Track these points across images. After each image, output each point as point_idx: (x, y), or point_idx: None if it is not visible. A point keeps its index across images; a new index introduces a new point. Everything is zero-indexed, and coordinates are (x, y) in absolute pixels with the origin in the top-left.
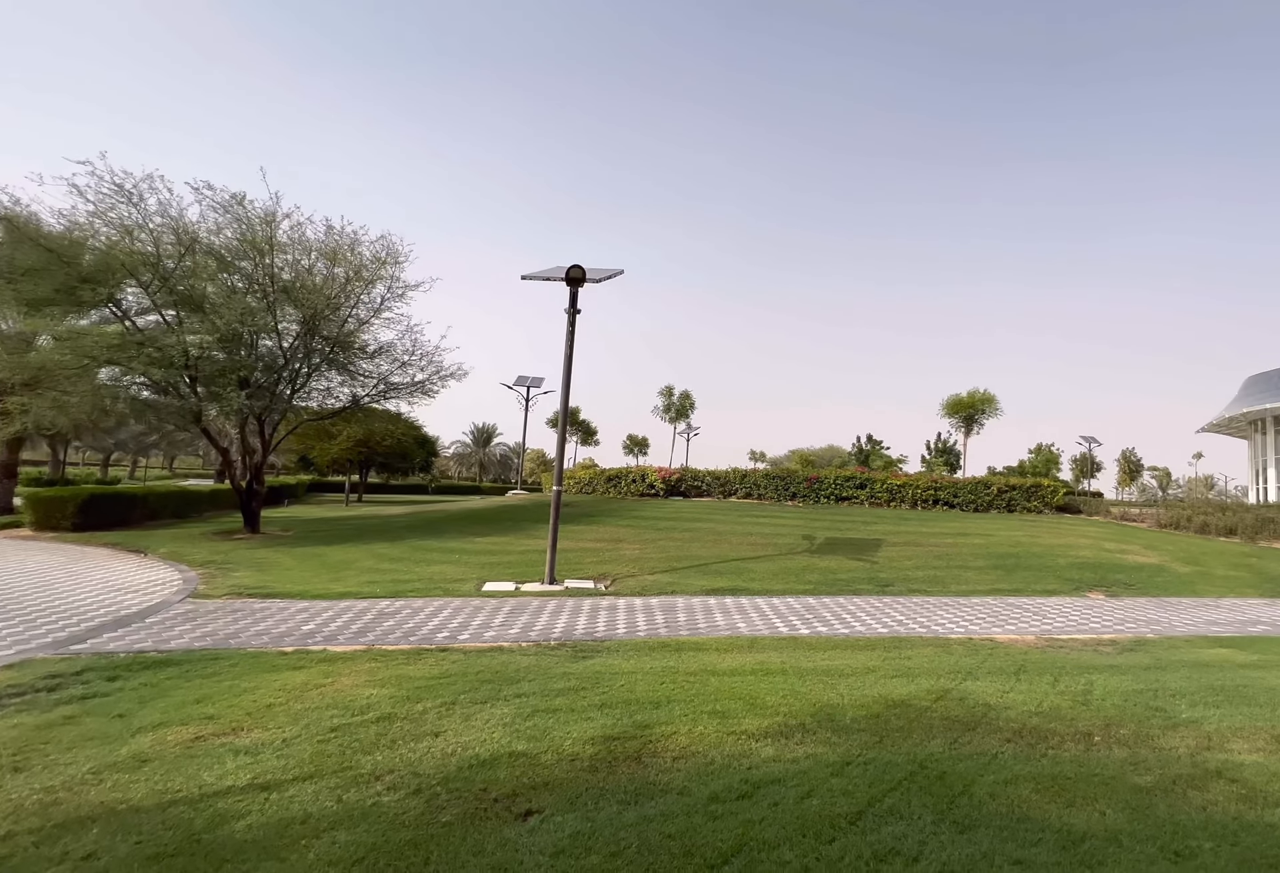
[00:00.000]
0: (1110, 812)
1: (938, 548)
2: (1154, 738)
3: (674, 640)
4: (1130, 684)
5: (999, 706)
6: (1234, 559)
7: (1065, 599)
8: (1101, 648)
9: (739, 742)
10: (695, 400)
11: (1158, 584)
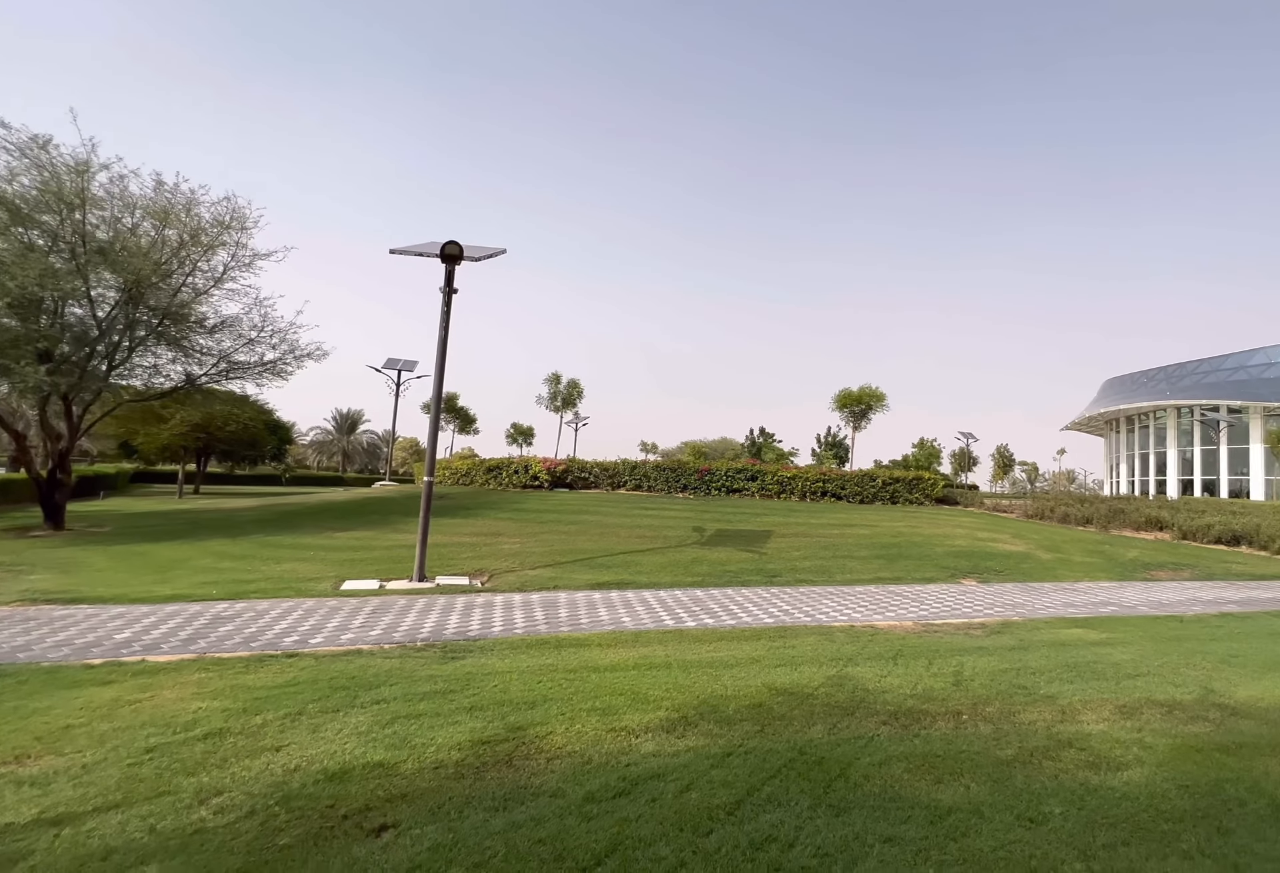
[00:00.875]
0: (974, 785)
1: (825, 539)
2: (1016, 714)
3: (554, 637)
4: (997, 664)
5: (877, 690)
6: (1090, 546)
7: (942, 586)
8: (972, 631)
9: (619, 739)
10: (584, 389)
11: (1024, 570)
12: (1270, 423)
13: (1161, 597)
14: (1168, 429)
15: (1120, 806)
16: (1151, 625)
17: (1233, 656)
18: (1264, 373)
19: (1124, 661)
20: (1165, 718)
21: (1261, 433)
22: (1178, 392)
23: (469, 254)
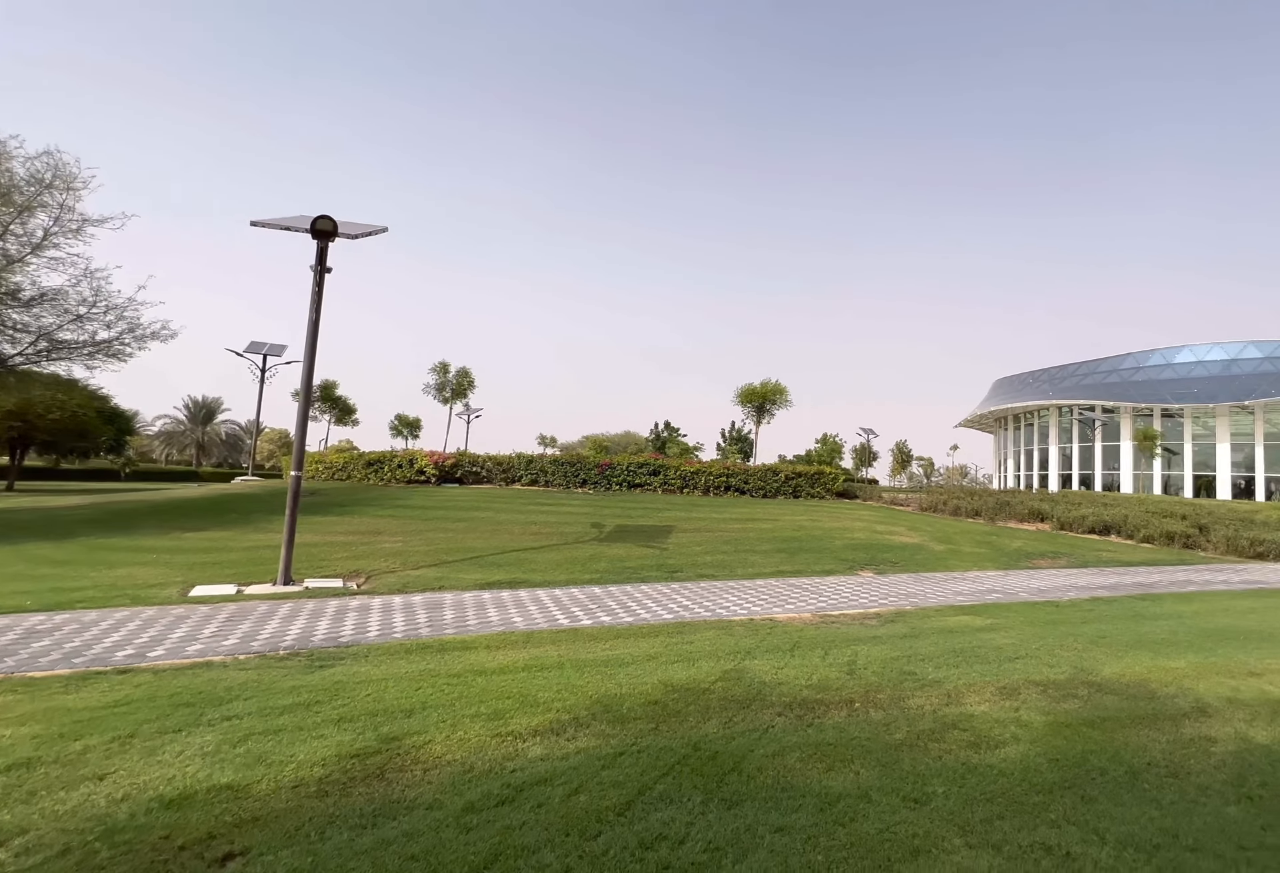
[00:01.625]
0: (864, 771)
1: (727, 533)
2: (905, 699)
3: (437, 641)
4: (889, 652)
5: (774, 682)
6: (978, 537)
7: (840, 578)
8: (868, 621)
9: (505, 744)
10: (475, 379)
11: (918, 561)
12: (1138, 422)
13: (1041, 584)
14: (1050, 427)
15: (998, 782)
16: (1031, 611)
17: (1101, 636)
18: (1133, 376)
19: (1005, 644)
20: (1040, 697)
21: (1131, 431)
22: (1059, 392)
23: (345, 231)
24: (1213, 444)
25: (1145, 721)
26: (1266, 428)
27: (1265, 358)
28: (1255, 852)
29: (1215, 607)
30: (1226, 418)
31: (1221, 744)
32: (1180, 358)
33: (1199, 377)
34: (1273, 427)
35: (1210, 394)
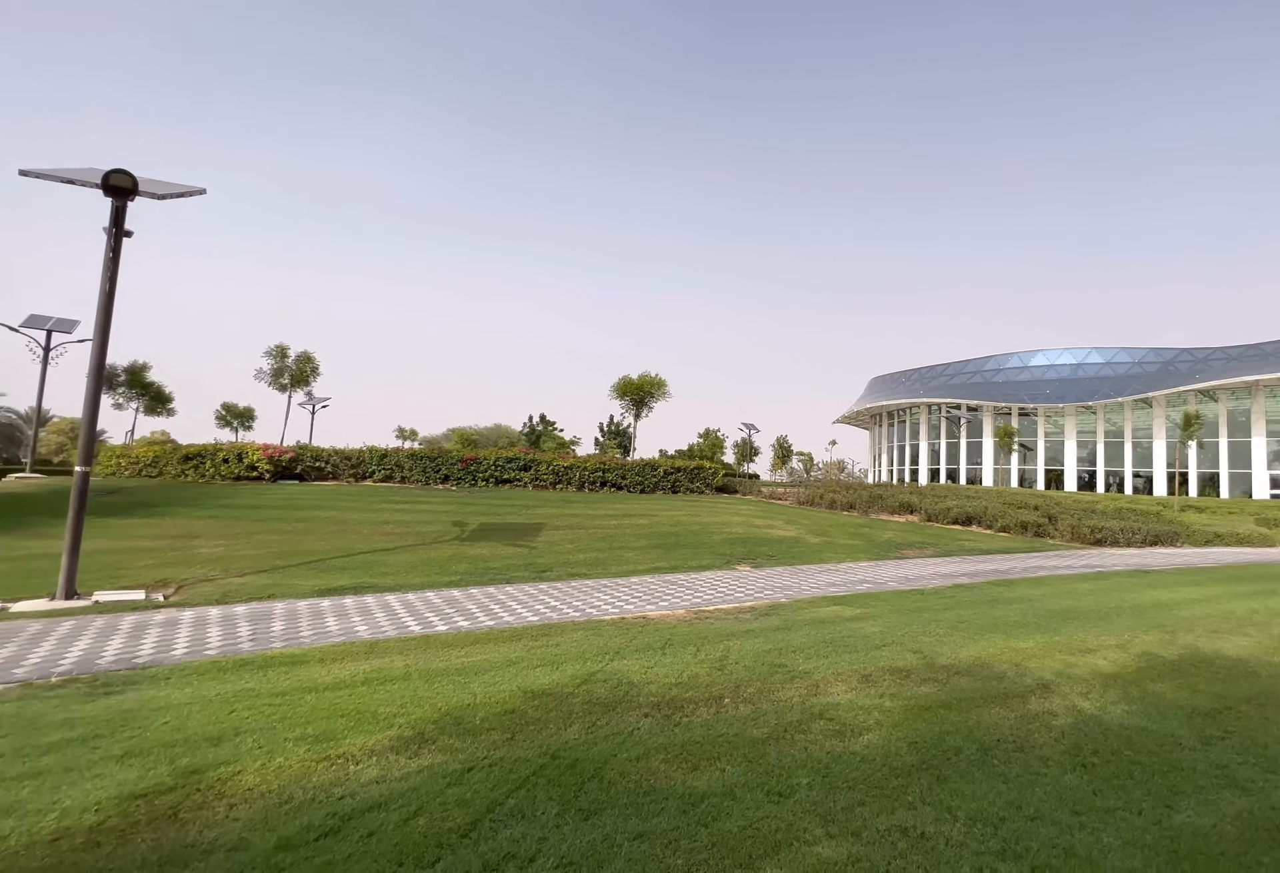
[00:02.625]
0: (729, 768)
1: (602, 530)
2: (774, 692)
3: (260, 656)
4: (761, 646)
5: (642, 682)
6: (852, 530)
7: (718, 573)
8: (742, 615)
9: (333, 768)
10: (320, 366)
11: (794, 554)
12: (999, 420)
13: (909, 573)
14: (921, 424)
15: (860, 768)
16: (898, 599)
17: (960, 622)
18: (994, 377)
19: (873, 633)
20: (902, 682)
21: (992, 428)
22: (929, 391)
23: (148, 189)
24: (1062, 441)
25: (996, 700)
26: (1106, 427)
27: (1105, 363)
28: (1087, 815)
29: (1061, 590)
30: (1073, 417)
31: (1061, 717)
32: (1035, 361)
33: (1051, 379)
34: (1111, 426)
35: (1059, 395)
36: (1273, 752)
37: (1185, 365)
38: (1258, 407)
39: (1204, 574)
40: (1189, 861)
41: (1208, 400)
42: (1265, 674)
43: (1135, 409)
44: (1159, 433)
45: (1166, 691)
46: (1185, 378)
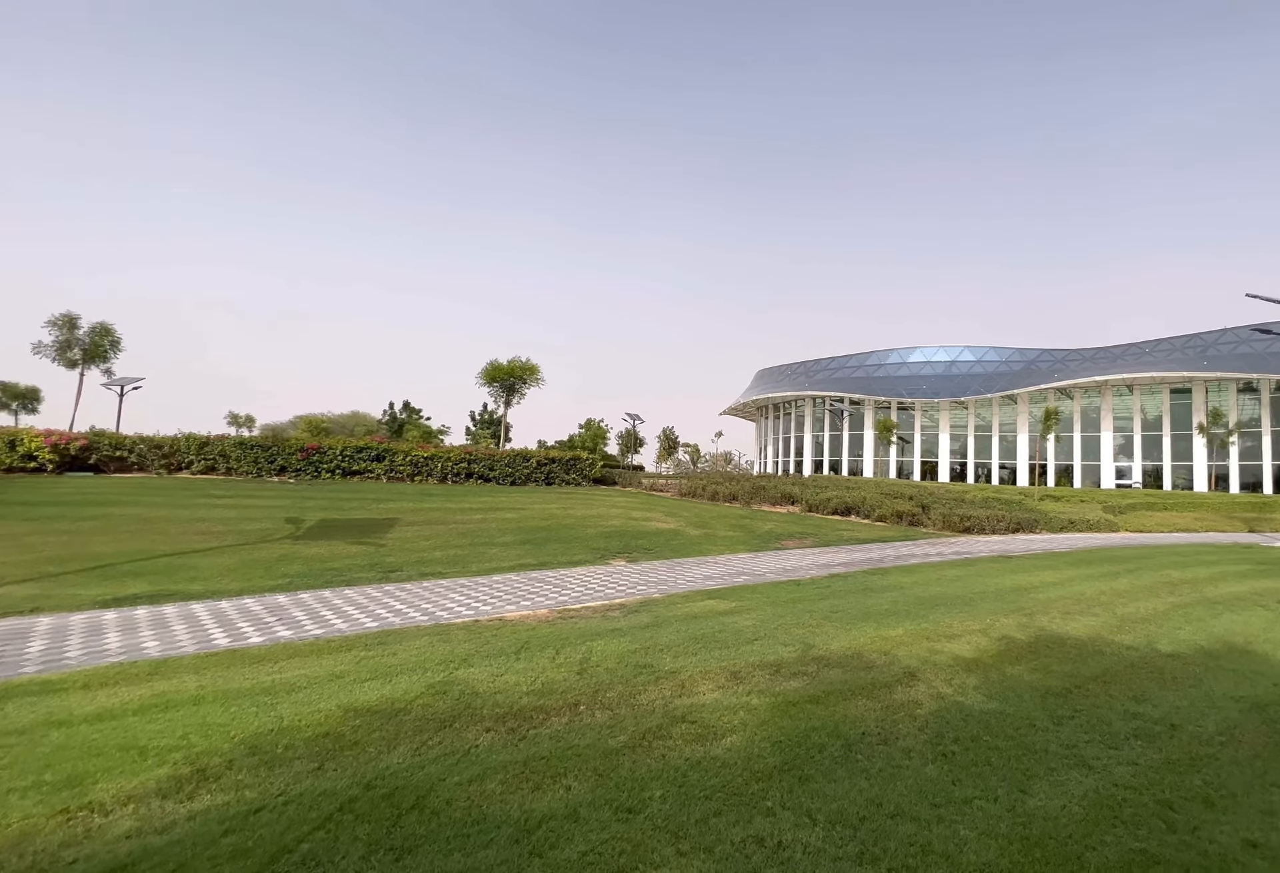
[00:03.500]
0: (576, 784)
1: (464, 525)
2: (637, 695)
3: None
4: (627, 645)
5: (489, 691)
6: (734, 521)
7: (590, 568)
8: (611, 613)
9: (70, 825)
10: (120, 339)
11: (673, 547)
12: (879, 413)
13: (787, 563)
14: (805, 416)
15: (719, 774)
16: (775, 591)
17: (834, 611)
18: (876, 372)
19: (746, 627)
20: (771, 677)
21: (873, 421)
22: (814, 384)
23: None
24: (937, 434)
25: (863, 691)
26: (976, 421)
27: (976, 361)
28: (945, 808)
29: (931, 576)
30: (947, 412)
31: (925, 706)
32: (914, 358)
33: (927, 375)
34: (981, 420)
35: (935, 391)
36: (1116, 728)
37: (1046, 365)
38: (1106, 404)
39: (1059, 559)
40: (1040, 847)
41: (1064, 398)
42: (1109, 653)
43: (1002, 405)
44: (1022, 427)
45: (1023, 673)
46: (1046, 377)
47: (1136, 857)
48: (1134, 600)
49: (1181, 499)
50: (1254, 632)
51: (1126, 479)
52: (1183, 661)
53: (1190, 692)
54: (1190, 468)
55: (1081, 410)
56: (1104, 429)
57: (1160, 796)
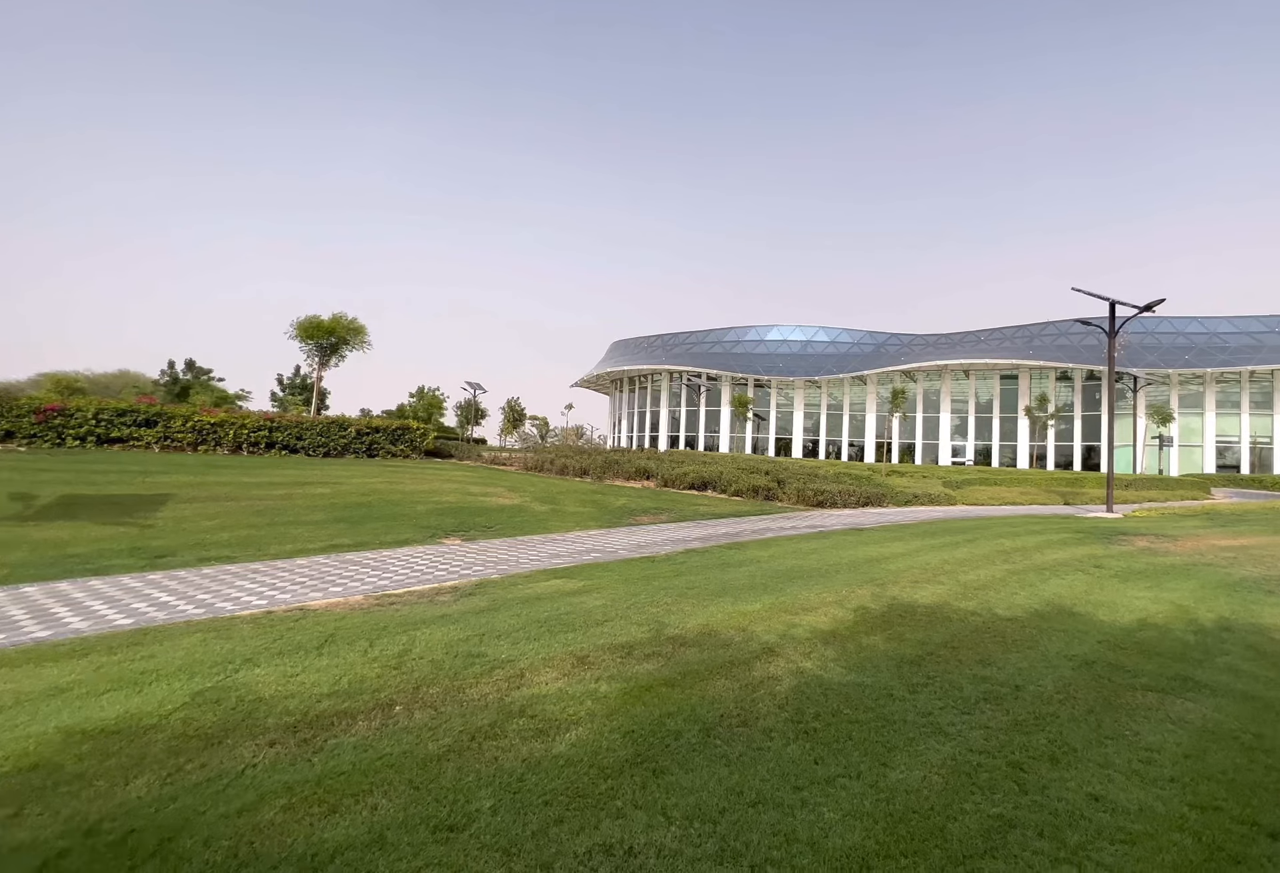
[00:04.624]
0: (385, 803)
1: (262, 502)
2: (466, 690)
3: None
4: (457, 633)
5: (277, 696)
6: (584, 496)
7: (417, 548)
8: (440, 597)
9: None
10: None
11: (516, 524)
12: (736, 390)
13: (641, 539)
14: (662, 391)
15: (562, 775)
16: (628, 568)
17: (690, 588)
18: (734, 349)
19: (596, 607)
20: (623, 661)
21: (730, 398)
22: (671, 358)
23: None
24: (791, 411)
25: (721, 670)
26: (829, 400)
27: (830, 341)
28: (809, 790)
29: (787, 550)
30: (802, 390)
31: (784, 682)
32: (771, 335)
33: (783, 354)
34: (833, 399)
35: (791, 369)
36: (967, 692)
37: (894, 348)
38: (946, 388)
39: (906, 531)
40: (904, 823)
41: (909, 380)
42: (956, 619)
43: (853, 385)
44: (871, 407)
45: (879, 643)
46: (894, 359)
47: (995, 823)
48: (974, 568)
49: (1009, 476)
50: (1077, 595)
51: (961, 457)
52: (1020, 624)
53: (1029, 653)
54: (1015, 447)
55: (924, 392)
56: (943, 410)
57: (1011, 758)
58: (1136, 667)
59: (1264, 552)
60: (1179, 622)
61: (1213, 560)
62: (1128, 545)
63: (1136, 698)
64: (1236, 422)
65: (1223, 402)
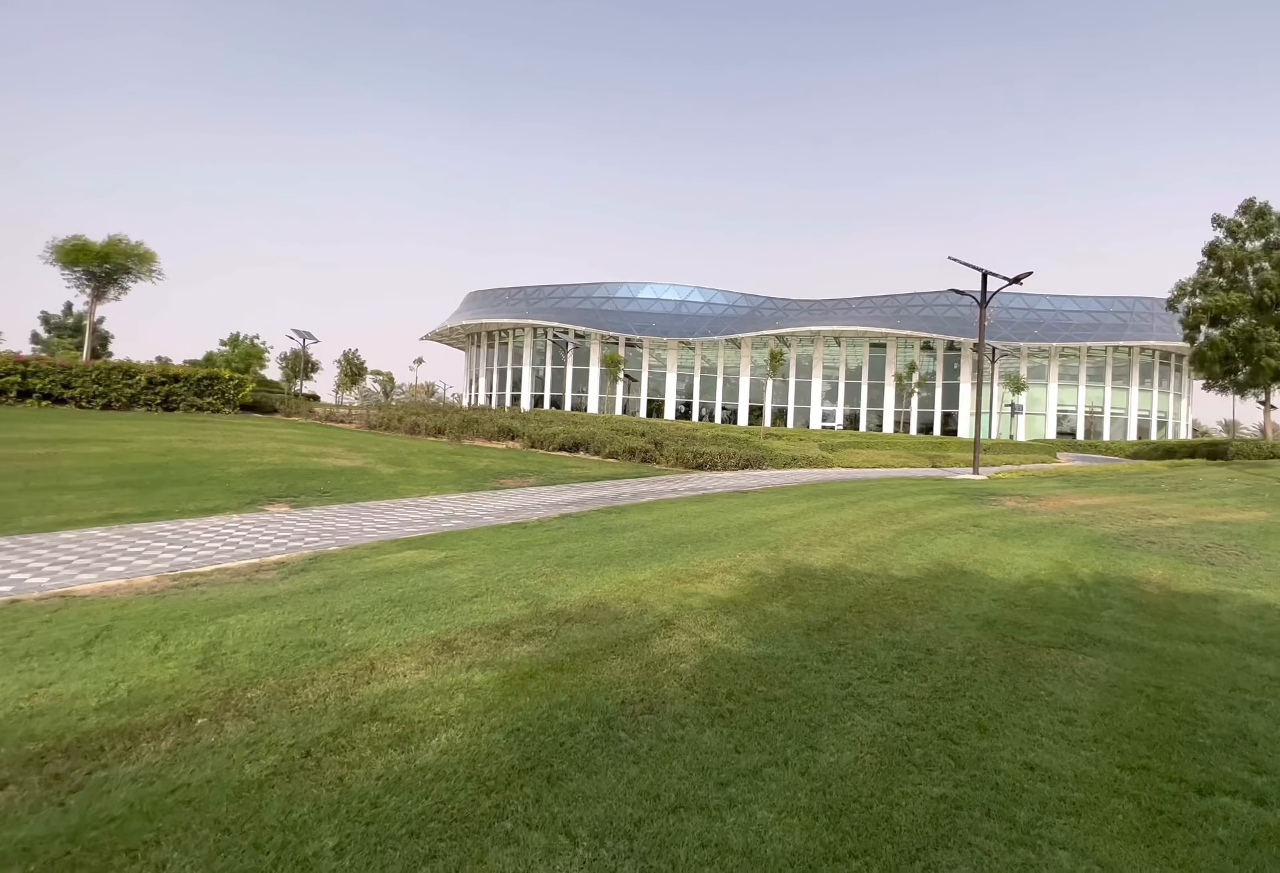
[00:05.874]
0: (177, 856)
1: (11, 462)
2: (299, 690)
3: None
4: (284, 618)
5: (20, 716)
6: (440, 458)
7: (232, 517)
8: (261, 575)
9: None
10: None
11: (358, 488)
12: (606, 349)
13: (509, 504)
14: (525, 347)
15: (432, 793)
16: (496, 536)
17: (571, 556)
18: (604, 305)
19: (462, 581)
20: (498, 643)
21: (600, 357)
22: (536, 312)
23: None
24: (664, 373)
25: (617, 648)
26: (702, 363)
27: (705, 303)
28: (735, 785)
29: (672, 513)
30: (675, 351)
31: (689, 658)
32: (644, 293)
33: (657, 312)
34: (706, 362)
35: (664, 329)
36: (881, 659)
37: (769, 312)
38: (818, 353)
39: (790, 493)
40: (846, 816)
41: (783, 345)
42: (855, 581)
43: (727, 348)
44: (745, 371)
45: (782, 610)
46: (769, 323)
47: (940, 806)
48: (863, 530)
49: (881, 439)
50: (964, 553)
51: (831, 422)
52: (918, 585)
53: (933, 614)
54: (881, 413)
55: (796, 358)
56: (815, 376)
57: (940, 728)
58: (1035, 623)
59: (1116, 510)
60: (1062, 577)
61: (1075, 519)
62: (999, 505)
63: (1042, 656)
64: (1075, 393)
65: (1064, 374)
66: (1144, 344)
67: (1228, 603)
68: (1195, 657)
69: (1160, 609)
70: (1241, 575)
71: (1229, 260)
